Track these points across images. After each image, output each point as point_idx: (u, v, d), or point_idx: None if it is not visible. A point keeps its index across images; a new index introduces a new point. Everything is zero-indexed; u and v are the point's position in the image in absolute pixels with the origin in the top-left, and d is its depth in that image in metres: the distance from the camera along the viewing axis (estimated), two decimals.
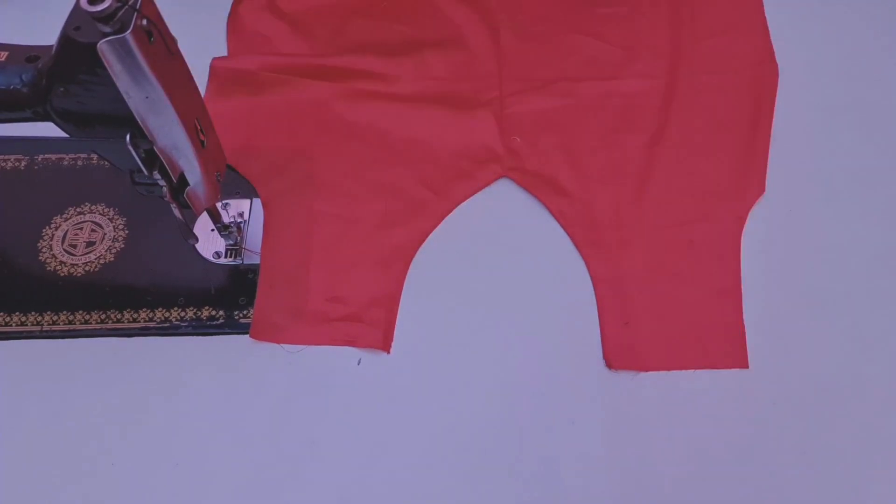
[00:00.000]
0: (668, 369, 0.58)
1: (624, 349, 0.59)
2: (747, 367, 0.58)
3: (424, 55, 0.74)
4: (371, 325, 0.59)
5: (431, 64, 0.73)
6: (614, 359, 0.58)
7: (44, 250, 0.62)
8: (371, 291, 0.61)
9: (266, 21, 0.76)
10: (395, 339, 0.59)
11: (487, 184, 0.67)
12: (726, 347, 0.59)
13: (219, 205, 0.58)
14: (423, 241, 0.64)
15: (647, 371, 0.58)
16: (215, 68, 0.71)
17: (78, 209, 0.64)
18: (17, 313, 0.59)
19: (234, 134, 0.67)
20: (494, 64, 0.73)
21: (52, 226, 0.63)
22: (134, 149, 0.46)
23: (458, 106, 0.71)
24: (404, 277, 0.62)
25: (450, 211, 0.66)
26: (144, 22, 0.41)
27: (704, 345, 0.59)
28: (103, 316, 0.59)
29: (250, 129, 0.69)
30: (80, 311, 0.59)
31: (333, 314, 0.60)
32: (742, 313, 0.60)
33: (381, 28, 0.76)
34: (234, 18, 0.77)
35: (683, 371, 0.58)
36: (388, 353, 0.58)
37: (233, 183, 0.65)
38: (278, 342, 0.59)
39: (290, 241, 0.63)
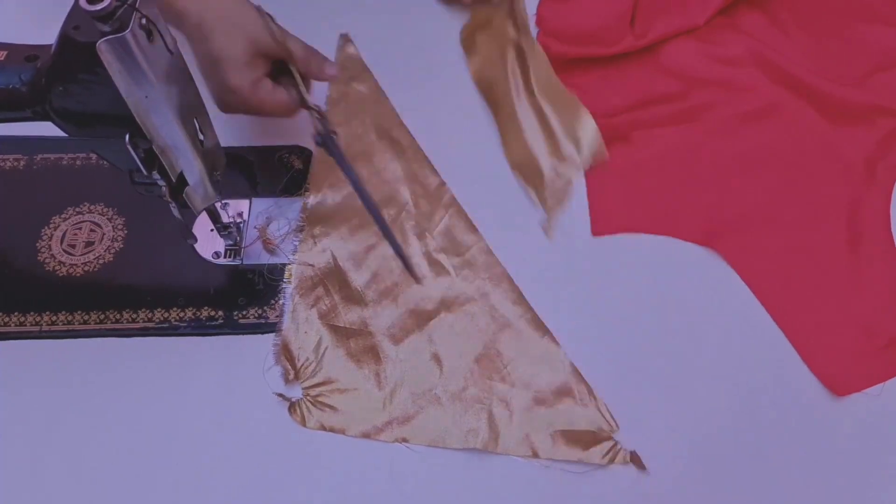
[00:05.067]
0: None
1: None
2: None
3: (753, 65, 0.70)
4: None
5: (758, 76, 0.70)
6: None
7: (43, 250, 0.62)
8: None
9: None
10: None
11: None
12: None
13: (218, 205, 0.58)
14: None
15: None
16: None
17: (77, 209, 0.64)
18: (15, 313, 0.59)
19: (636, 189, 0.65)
20: (803, 68, 0.69)
21: (51, 226, 0.63)
22: (133, 148, 0.46)
23: (823, 113, 0.68)
24: None
25: None
26: (144, 21, 0.41)
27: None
28: (102, 316, 0.59)
29: (640, 183, 0.66)
30: (79, 312, 0.59)
31: (874, 345, 0.58)
32: None
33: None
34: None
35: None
36: None
37: (232, 183, 0.65)
38: (860, 390, 0.56)
39: (786, 284, 0.60)
